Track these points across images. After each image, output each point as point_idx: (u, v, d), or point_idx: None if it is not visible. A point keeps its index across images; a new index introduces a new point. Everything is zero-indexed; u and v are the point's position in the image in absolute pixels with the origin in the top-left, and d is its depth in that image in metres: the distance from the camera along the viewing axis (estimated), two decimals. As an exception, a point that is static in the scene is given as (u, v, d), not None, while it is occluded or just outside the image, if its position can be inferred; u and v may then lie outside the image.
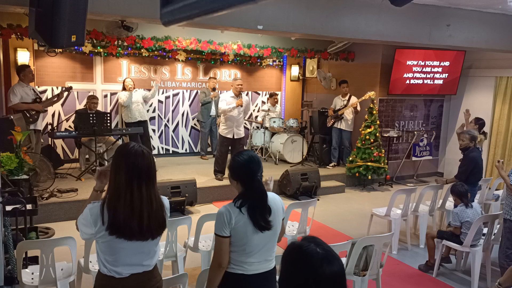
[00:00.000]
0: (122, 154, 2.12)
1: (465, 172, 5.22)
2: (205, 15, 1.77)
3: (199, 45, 7.63)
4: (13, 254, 3.71)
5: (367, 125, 7.97)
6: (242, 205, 2.34)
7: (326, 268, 1.30)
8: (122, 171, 2.06)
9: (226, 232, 2.33)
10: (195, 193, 6.32)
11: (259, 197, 2.38)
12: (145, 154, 2.11)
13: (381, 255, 3.75)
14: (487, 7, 6.33)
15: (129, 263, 2.12)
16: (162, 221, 2.15)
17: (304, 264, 1.32)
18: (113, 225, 2.02)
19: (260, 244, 2.38)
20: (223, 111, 6.98)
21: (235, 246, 2.37)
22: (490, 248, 4.67)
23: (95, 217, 2.04)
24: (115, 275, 2.11)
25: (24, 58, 7.19)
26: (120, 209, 2.02)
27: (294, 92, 10.50)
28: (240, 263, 2.38)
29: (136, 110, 8.04)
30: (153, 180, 2.13)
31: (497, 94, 8.42)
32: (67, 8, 3.49)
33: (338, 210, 6.88)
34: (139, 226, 2.05)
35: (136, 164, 2.07)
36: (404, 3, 3.03)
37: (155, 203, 2.11)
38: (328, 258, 1.32)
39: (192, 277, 3.71)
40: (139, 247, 2.11)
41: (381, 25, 6.02)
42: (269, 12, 5.30)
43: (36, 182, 5.96)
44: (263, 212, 2.37)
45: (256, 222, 2.34)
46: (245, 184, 2.40)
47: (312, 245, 1.35)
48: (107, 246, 2.07)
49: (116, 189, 2.05)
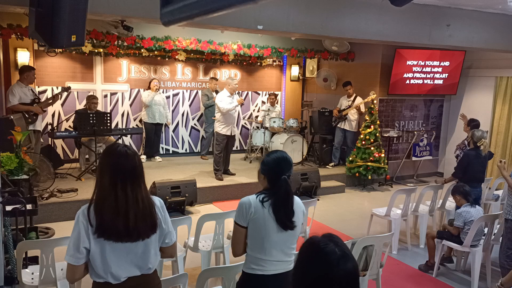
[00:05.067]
0: (106, 154, 2.11)
1: (459, 168, 5.22)
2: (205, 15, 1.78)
3: (199, 45, 7.63)
4: (13, 254, 3.70)
5: (367, 125, 7.97)
6: (265, 200, 2.38)
7: (342, 267, 1.33)
8: (106, 172, 2.04)
9: (243, 222, 2.39)
10: (195, 193, 6.32)
11: (284, 195, 2.41)
12: (129, 155, 2.07)
13: (381, 255, 3.75)
14: (487, 7, 6.33)
15: (123, 266, 2.06)
16: (151, 220, 2.09)
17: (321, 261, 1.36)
18: (100, 227, 1.99)
19: (279, 242, 2.41)
20: (228, 110, 7.07)
21: (253, 240, 2.40)
22: (490, 248, 4.67)
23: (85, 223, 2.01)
24: (111, 281, 2.04)
25: (24, 58, 7.19)
26: (106, 210, 2.00)
27: (294, 92, 10.50)
28: (259, 261, 2.39)
29: (157, 111, 8.25)
30: (139, 180, 2.09)
31: (497, 94, 8.42)
32: (67, 8, 3.49)
33: (338, 210, 6.88)
34: (125, 226, 2.00)
35: (120, 164, 2.04)
36: (404, 3, 3.04)
37: (142, 202, 2.06)
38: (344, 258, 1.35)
39: (192, 277, 3.71)
40: (130, 248, 2.06)
41: (381, 25, 6.02)
42: (269, 12, 5.30)
43: (36, 182, 5.95)
44: (288, 211, 2.41)
45: (279, 219, 2.38)
46: (271, 181, 2.44)
47: (332, 245, 1.38)
48: (98, 250, 2.01)
49: (101, 191, 2.03)
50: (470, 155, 5.16)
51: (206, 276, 2.83)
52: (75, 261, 1.99)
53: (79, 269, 2.02)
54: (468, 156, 5.17)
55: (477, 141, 5.13)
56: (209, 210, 6.19)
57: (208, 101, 8.68)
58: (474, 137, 5.17)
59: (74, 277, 2.05)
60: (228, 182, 7.15)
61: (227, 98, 7.08)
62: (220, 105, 7.10)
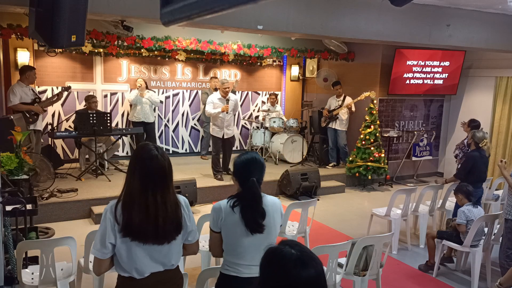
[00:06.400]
0: (138, 156, 2.11)
1: (462, 170, 5.20)
2: (205, 15, 1.78)
3: (199, 45, 7.63)
4: (13, 254, 3.70)
5: (367, 125, 7.97)
6: (235, 205, 2.36)
7: (300, 271, 1.26)
8: (137, 174, 2.05)
9: (215, 228, 2.41)
10: (195, 193, 6.32)
11: (252, 198, 2.36)
12: (160, 159, 2.08)
13: (381, 255, 3.75)
14: (487, 7, 6.33)
15: (148, 263, 2.09)
16: (177, 223, 2.12)
17: (278, 267, 1.29)
18: (127, 227, 2.01)
19: (252, 246, 2.35)
20: (209, 114, 7.09)
21: (227, 244, 2.40)
22: (490, 248, 4.67)
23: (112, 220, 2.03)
24: (135, 276, 2.08)
25: (24, 58, 7.18)
26: (135, 213, 2.01)
27: (294, 92, 10.50)
28: (233, 264, 2.38)
29: (141, 111, 8.15)
30: (169, 184, 2.11)
31: (497, 94, 8.42)
32: (67, 8, 3.49)
33: (338, 210, 6.88)
34: (153, 230, 2.04)
35: (152, 169, 2.05)
36: (404, 3, 3.04)
37: (170, 206, 2.09)
38: (302, 259, 1.28)
39: (192, 277, 3.71)
40: (155, 248, 2.08)
41: (381, 25, 6.02)
42: (269, 12, 5.30)
43: (36, 182, 5.95)
44: (255, 214, 2.35)
45: (247, 224, 2.33)
46: (241, 184, 2.42)
47: (287, 248, 1.31)
48: (124, 247, 2.05)
49: (131, 192, 2.05)
50: (475, 157, 5.12)
51: (206, 276, 2.83)
52: (101, 255, 2.06)
53: (105, 263, 2.08)
54: (473, 158, 5.13)
55: (479, 141, 5.11)
56: (209, 210, 6.12)
57: None
58: (476, 138, 5.14)
59: (100, 270, 2.11)
60: (228, 182, 7.15)
61: (217, 100, 7.05)
62: (206, 107, 7.15)
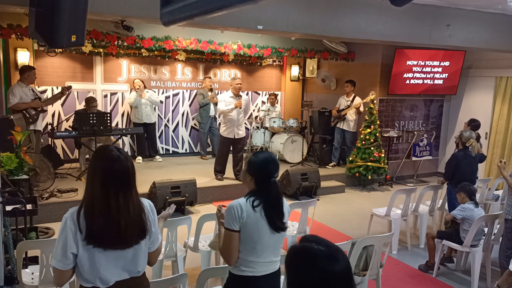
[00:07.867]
0: (98, 158, 2.01)
1: (448, 170, 5.20)
2: (205, 15, 1.78)
3: (199, 45, 7.63)
4: (13, 254, 3.71)
5: (367, 125, 7.97)
6: (255, 204, 2.35)
7: (333, 266, 1.29)
8: (98, 177, 1.96)
9: (235, 226, 2.33)
10: (195, 193, 6.32)
11: (275, 199, 2.40)
12: (122, 160, 1.98)
13: (381, 255, 3.75)
14: (487, 7, 6.33)
15: (112, 271, 2.00)
16: (141, 228, 2.03)
17: (311, 265, 1.31)
18: (90, 235, 1.91)
19: (271, 244, 2.41)
20: (222, 112, 7.00)
21: (245, 243, 2.36)
22: (490, 248, 4.67)
23: (74, 229, 1.93)
24: (99, 286, 1.99)
25: (24, 58, 7.18)
26: (96, 218, 1.92)
27: (294, 92, 10.50)
28: (250, 263, 2.38)
29: (143, 112, 8.21)
30: (131, 187, 2.01)
31: (497, 94, 8.42)
32: (67, 8, 3.49)
33: (338, 210, 6.88)
34: (115, 235, 1.94)
35: (112, 170, 1.95)
36: (404, 3, 3.03)
37: (133, 210, 1.99)
38: (332, 254, 1.32)
39: (192, 277, 3.71)
40: (119, 254, 1.99)
41: (381, 25, 6.02)
42: (269, 12, 5.30)
43: (36, 182, 5.95)
44: (280, 214, 2.41)
45: (272, 222, 2.37)
46: (259, 183, 2.40)
47: (314, 244, 1.34)
48: (86, 255, 1.94)
49: (92, 196, 1.96)
50: (458, 156, 5.13)
51: (206, 276, 2.83)
52: (62, 266, 1.94)
53: (66, 274, 1.98)
54: (455, 158, 5.13)
55: (466, 141, 5.10)
56: (209, 210, 6.19)
57: (203, 100, 8.67)
58: (462, 137, 5.13)
59: (62, 282, 2.00)
60: (228, 182, 7.15)
61: (229, 99, 6.99)
62: (218, 106, 7.12)
